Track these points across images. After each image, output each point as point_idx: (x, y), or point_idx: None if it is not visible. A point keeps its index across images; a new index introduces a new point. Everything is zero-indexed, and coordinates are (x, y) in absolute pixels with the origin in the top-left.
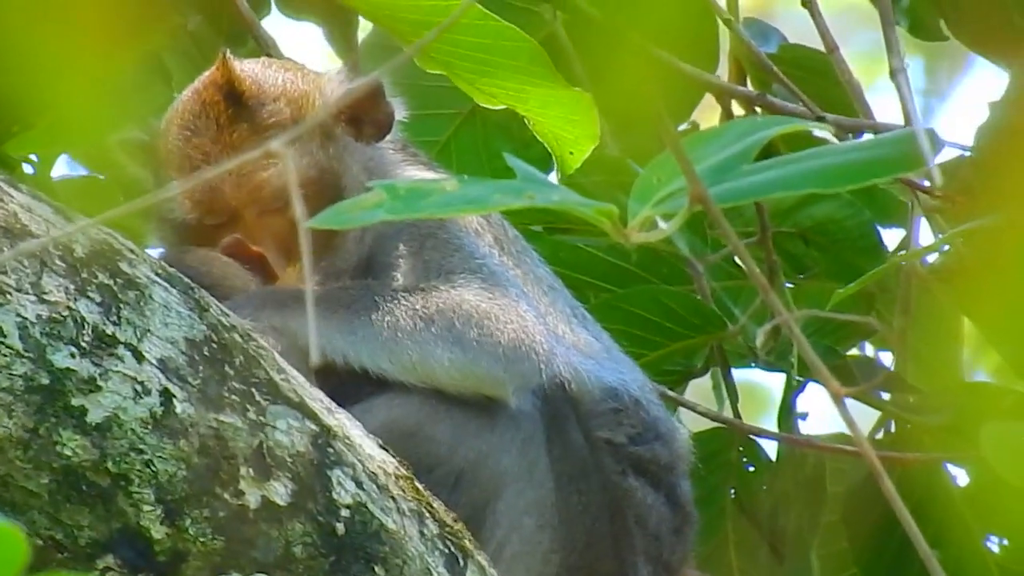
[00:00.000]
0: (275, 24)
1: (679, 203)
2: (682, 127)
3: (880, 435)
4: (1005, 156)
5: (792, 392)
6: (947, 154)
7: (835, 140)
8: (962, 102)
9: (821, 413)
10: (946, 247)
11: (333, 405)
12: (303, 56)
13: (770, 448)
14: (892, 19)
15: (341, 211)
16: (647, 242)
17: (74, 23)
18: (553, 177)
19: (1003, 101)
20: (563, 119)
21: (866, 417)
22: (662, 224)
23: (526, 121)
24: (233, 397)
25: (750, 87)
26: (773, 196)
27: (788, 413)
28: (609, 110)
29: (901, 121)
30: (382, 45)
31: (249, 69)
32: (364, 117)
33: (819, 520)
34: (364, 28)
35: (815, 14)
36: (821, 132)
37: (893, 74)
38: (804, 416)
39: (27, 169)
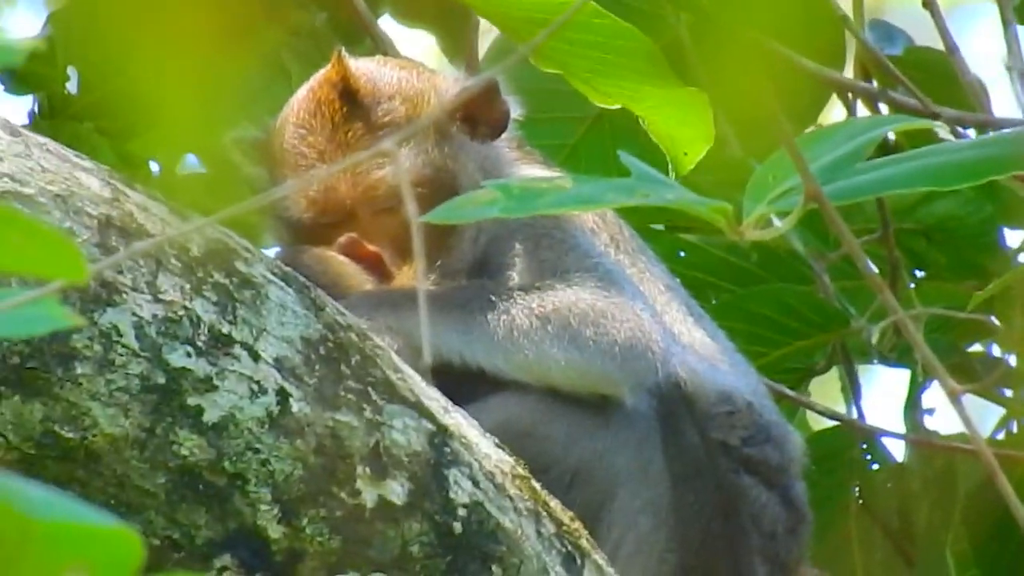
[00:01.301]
0: (392, 27)
1: (794, 201)
2: (809, 129)
3: (1002, 434)
4: None
5: (917, 389)
6: None
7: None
8: None
9: (949, 411)
10: None
11: (449, 404)
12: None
13: (897, 446)
14: (1012, 17)
15: (455, 207)
16: (766, 241)
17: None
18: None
19: None
20: (678, 119)
21: (993, 416)
22: (777, 222)
23: (640, 121)
24: (349, 396)
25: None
26: (894, 193)
27: (913, 410)
28: (734, 111)
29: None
30: (507, 52)
31: (364, 67)
32: (479, 116)
33: (950, 520)
34: (483, 38)
35: (935, 14)
36: (947, 132)
37: (1011, 72)
38: (931, 412)
39: (153, 168)
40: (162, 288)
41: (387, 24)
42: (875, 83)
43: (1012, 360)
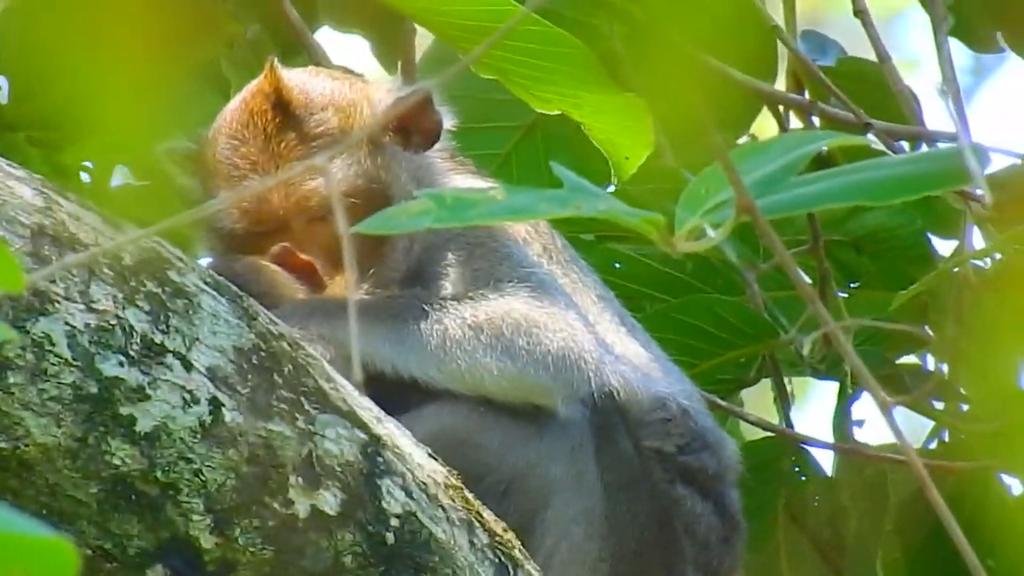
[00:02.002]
0: (327, 36)
1: (726, 213)
2: (742, 139)
3: (933, 444)
4: None
5: (846, 400)
6: (1002, 161)
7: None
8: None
9: (879, 422)
10: (998, 256)
11: (382, 414)
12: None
13: (827, 457)
14: (944, 30)
15: (388, 217)
16: (700, 252)
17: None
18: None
19: None
20: (618, 125)
21: (923, 428)
22: (711, 233)
23: (582, 127)
24: (282, 406)
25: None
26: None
27: (842, 421)
28: (667, 122)
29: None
30: (441, 59)
31: (297, 78)
32: (412, 126)
33: (879, 530)
34: (420, 44)
35: (867, 24)
36: (880, 145)
37: (942, 88)
38: (860, 424)
39: (84, 178)
40: (95, 297)
41: (323, 34)
42: (807, 94)
43: (944, 370)
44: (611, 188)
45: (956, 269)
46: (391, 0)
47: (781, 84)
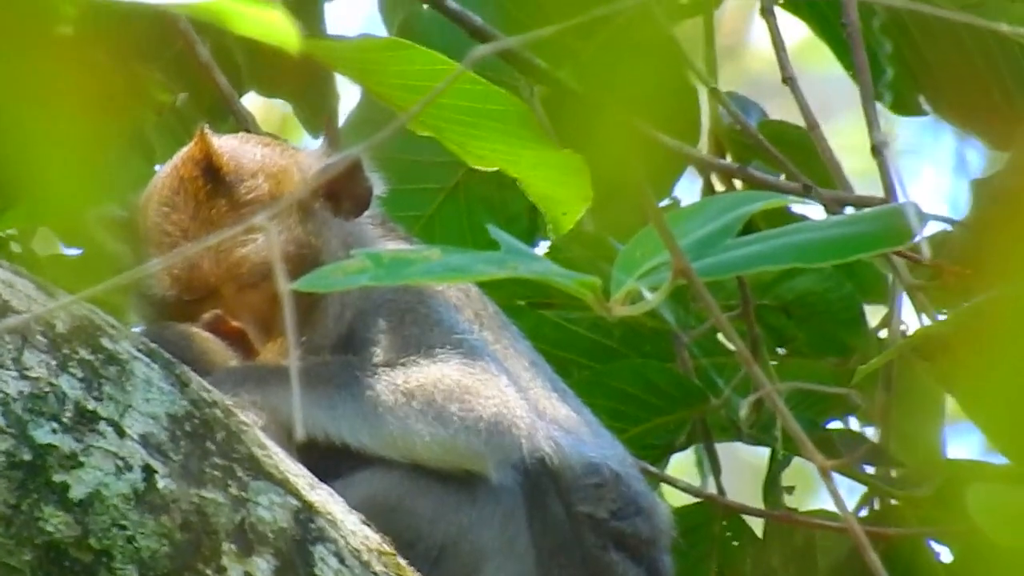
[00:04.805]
0: (256, 101)
1: (662, 277)
2: (663, 202)
3: (864, 511)
4: (997, 231)
5: (777, 466)
6: (932, 227)
7: (818, 215)
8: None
9: (805, 488)
10: (927, 323)
11: (315, 480)
12: (283, 133)
13: (756, 523)
14: (872, 95)
15: (324, 275)
16: (630, 317)
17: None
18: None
19: (997, 176)
20: (555, 180)
21: (849, 491)
22: (648, 297)
23: (518, 183)
24: (215, 473)
25: (730, 161)
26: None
27: (773, 487)
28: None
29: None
30: (365, 120)
31: (227, 144)
32: (343, 192)
33: None
34: (346, 105)
35: (795, 90)
36: (800, 208)
37: (875, 150)
38: (790, 491)
39: (15, 248)
40: (28, 364)
41: (250, 100)
42: (729, 157)
43: (872, 435)
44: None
45: (883, 333)
46: (327, 61)
47: (702, 146)
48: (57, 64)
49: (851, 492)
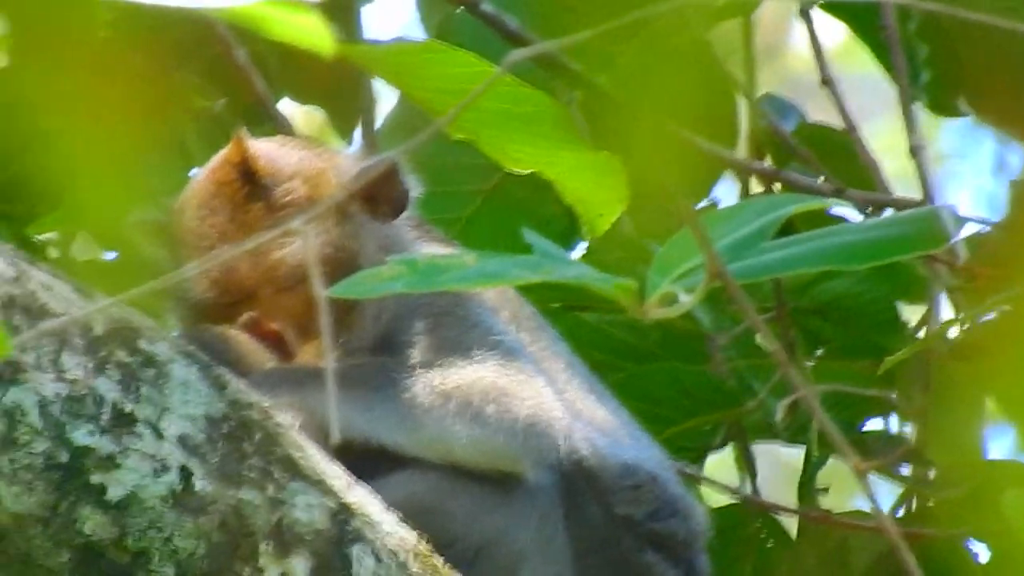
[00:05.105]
0: (295, 106)
1: (697, 279)
2: (701, 204)
3: (901, 512)
4: None
5: (812, 467)
6: (970, 228)
7: (854, 217)
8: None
9: (842, 488)
10: (966, 325)
11: (352, 481)
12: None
13: (791, 523)
14: (910, 97)
15: (359, 282)
16: (666, 319)
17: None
18: (574, 254)
19: None
20: (591, 182)
21: (886, 493)
22: (682, 299)
23: (551, 188)
24: (252, 474)
25: (769, 164)
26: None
27: (808, 488)
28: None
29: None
30: (402, 124)
31: (264, 148)
32: (379, 195)
33: None
34: (382, 109)
35: (834, 92)
36: (838, 210)
37: (912, 152)
38: (825, 491)
39: (53, 252)
40: (65, 367)
41: (289, 104)
42: (768, 160)
43: (909, 436)
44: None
45: (921, 333)
46: (363, 65)
47: (741, 149)
48: (94, 69)
49: (889, 494)
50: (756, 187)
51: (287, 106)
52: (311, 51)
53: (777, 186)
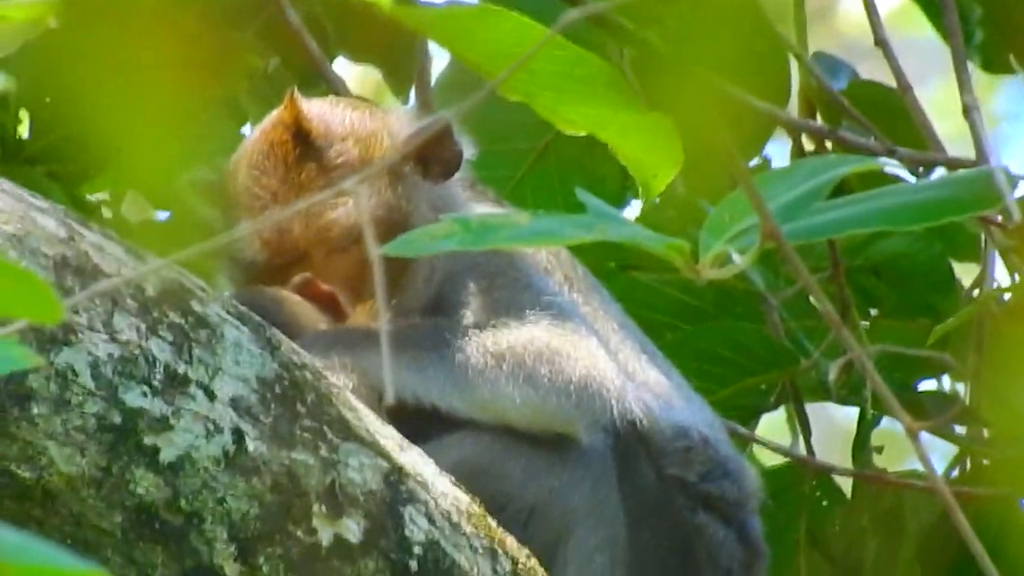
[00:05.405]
0: (350, 67)
1: (751, 240)
2: (753, 163)
3: (955, 472)
4: None
5: (866, 427)
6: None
7: (907, 176)
8: None
9: (897, 448)
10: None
11: (405, 442)
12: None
13: (846, 483)
14: (963, 56)
15: (412, 240)
16: (720, 279)
17: (149, 66)
18: (627, 213)
19: None
20: (644, 144)
21: (939, 453)
22: (735, 260)
23: (603, 149)
24: (305, 435)
25: (820, 122)
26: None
27: (862, 448)
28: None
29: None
30: (455, 83)
31: (317, 108)
32: (432, 156)
33: (897, 556)
34: (436, 68)
35: (887, 53)
36: (892, 169)
37: (966, 112)
38: (879, 451)
39: (106, 213)
40: (118, 328)
41: (344, 65)
42: (819, 119)
43: (964, 397)
44: (626, 211)
45: (975, 293)
46: (417, 27)
47: (792, 107)
48: (147, 29)
49: (944, 455)
50: (808, 146)
51: (341, 67)
52: (367, 10)
53: (829, 145)
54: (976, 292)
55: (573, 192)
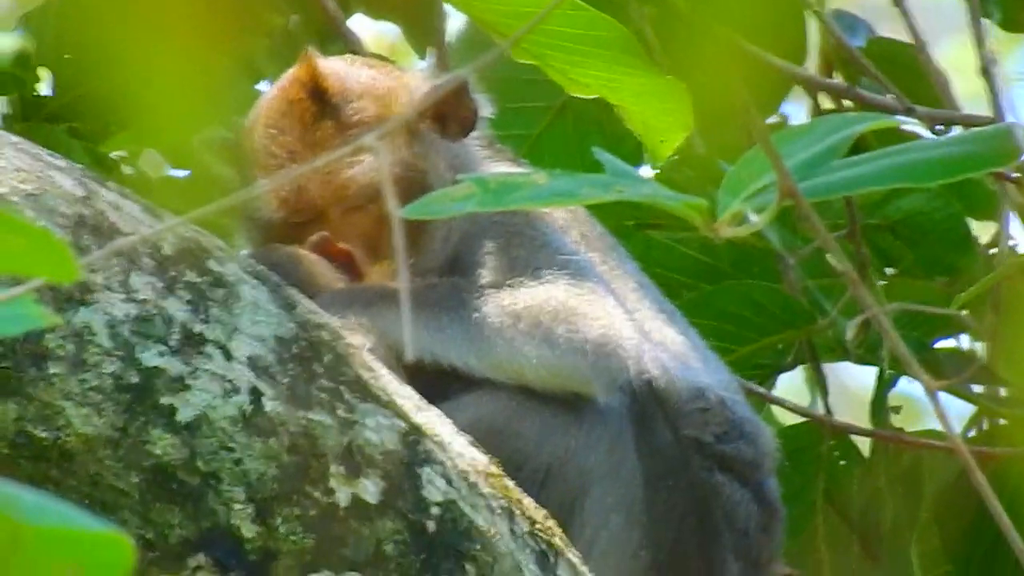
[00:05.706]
0: (363, 24)
1: (769, 198)
2: (770, 120)
3: (973, 432)
4: None
5: (884, 386)
6: None
7: (925, 133)
8: None
9: (915, 407)
10: None
11: (422, 402)
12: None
13: (864, 443)
14: (979, 13)
15: (431, 201)
16: (738, 238)
17: (168, 23)
18: (644, 172)
19: None
20: (655, 108)
21: (957, 411)
22: (752, 219)
23: (617, 110)
24: (322, 395)
25: (838, 80)
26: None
27: (880, 408)
28: (696, 106)
29: (991, 114)
30: (472, 41)
31: (334, 66)
32: (449, 114)
33: (915, 516)
34: (453, 25)
35: (904, 10)
36: (910, 127)
37: (983, 69)
38: (897, 410)
39: (127, 170)
40: (135, 287)
41: (358, 22)
42: (837, 76)
43: (982, 354)
44: (643, 170)
45: (993, 251)
46: None
47: (810, 64)
48: None
49: (962, 414)
50: (825, 103)
51: (359, 25)
52: None
53: (847, 103)
54: (993, 251)
55: (590, 150)
